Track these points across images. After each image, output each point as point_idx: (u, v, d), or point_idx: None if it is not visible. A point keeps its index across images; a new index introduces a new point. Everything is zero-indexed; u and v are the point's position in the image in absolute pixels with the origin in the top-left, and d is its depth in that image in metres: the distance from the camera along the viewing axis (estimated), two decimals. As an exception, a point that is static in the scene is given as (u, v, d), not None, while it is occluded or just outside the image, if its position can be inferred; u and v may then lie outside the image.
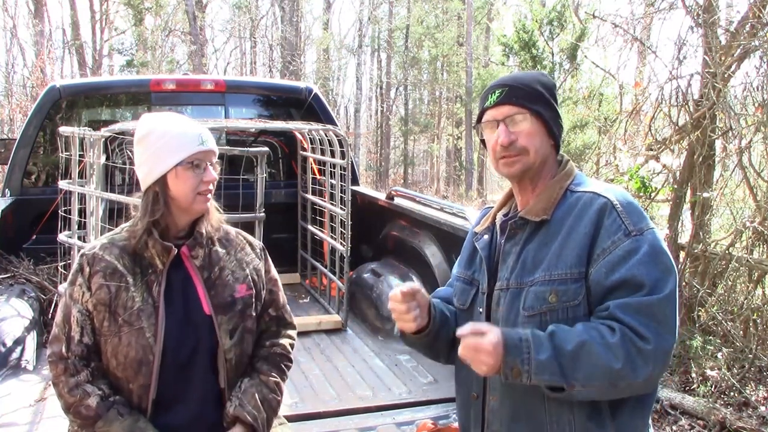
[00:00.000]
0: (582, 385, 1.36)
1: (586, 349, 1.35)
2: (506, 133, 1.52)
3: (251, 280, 1.84)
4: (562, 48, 11.51)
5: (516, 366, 1.37)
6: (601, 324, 1.38)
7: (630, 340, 1.35)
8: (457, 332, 1.42)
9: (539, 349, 1.37)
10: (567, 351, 1.36)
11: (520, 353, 1.37)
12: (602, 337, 1.36)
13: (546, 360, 1.36)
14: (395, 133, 27.12)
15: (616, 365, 1.34)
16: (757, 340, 4.40)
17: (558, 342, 1.37)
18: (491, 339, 1.38)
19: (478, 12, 23.12)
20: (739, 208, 5.07)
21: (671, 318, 1.38)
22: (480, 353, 1.38)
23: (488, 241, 1.64)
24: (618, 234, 1.42)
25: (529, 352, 1.37)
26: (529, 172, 1.55)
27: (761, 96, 4.66)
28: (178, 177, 1.69)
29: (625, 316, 1.36)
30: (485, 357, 1.37)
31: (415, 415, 2.72)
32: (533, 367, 1.36)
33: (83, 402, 1.64)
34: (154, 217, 1.70)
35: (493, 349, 1.37)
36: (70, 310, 1.69)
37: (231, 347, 1.75)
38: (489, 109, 1.56)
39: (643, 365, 1.35)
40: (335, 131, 4.15)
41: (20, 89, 18.28)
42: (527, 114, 1.52)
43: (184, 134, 1.71)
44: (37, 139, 4.44)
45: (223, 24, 27.44)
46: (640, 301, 1.37)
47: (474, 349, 1.38)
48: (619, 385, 1.37)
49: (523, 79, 1.58)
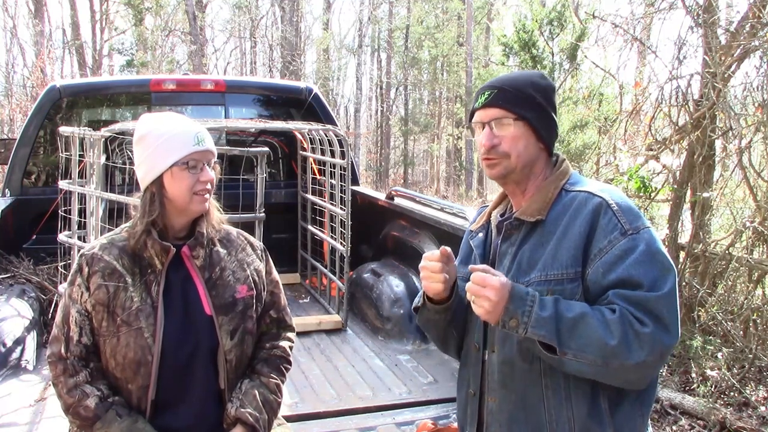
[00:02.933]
0: (574, 355, 1.37)
1: (585, 321, 1.37)
2: (489, 136, 1.53)
3: (252, 281, 1.83)
4: (562, 48, 11.50)
5: (516, 316, 1.39)
6: (603, 307, 1.40)
7: (629, 321, 1.36)
8: (470, 267, 1.46)
9: (543, 306, 1.39)
10: (567, 317, 1.38)
11: (523, 304, 1.40)
12: (602, 315, 1.38)
13: (546, 317, 1.38)
14: (395, 133, 27.11)
15: (611, 341, 1.35)
16: (757, 340, 4.40)
17: (561, 308, 1.40)
18: (501, 279, 1.41)
19: (478, 12, 23.11)
20: (739, 208, 5.07)
21: (670, 315, 1.38)
22: (486, 288, 1.40)
23: (483, 240, 1.65)
24: (614, 233, 1.42)
25: (533, 305, 1.39)
26: (511, 176, 1.55)
27: (761, 96, 4.65)
28: (174, 177, 1.69)
29: (624, 303, 1.38)
30: (490, 292, 1.39)
31: (415, 415, 2.72)
32: (532, 320, 1.39)
33: (82, 403, 1.64)
34: (152, 217, 1.69)
35: (500, 287, 1.39)
36: (69, 311, 1.69)
37: (231, 348, 1.75)
38: (477, 110, 1.57)
39: (638, 348, 1.35)
40: (335, 131, 4.15)
41: (20, 89, 18.28)
42: (512, 118, 1.52)
43: (180, 134, 1.71)
44: (37, 139, 4.45)
45: (223, 24, 27.43)
46: (638, 296, 1.38)
47: (481, 283, 1.40)
48: (611, 363, 1.37)
49: (515, 82, 1.56)
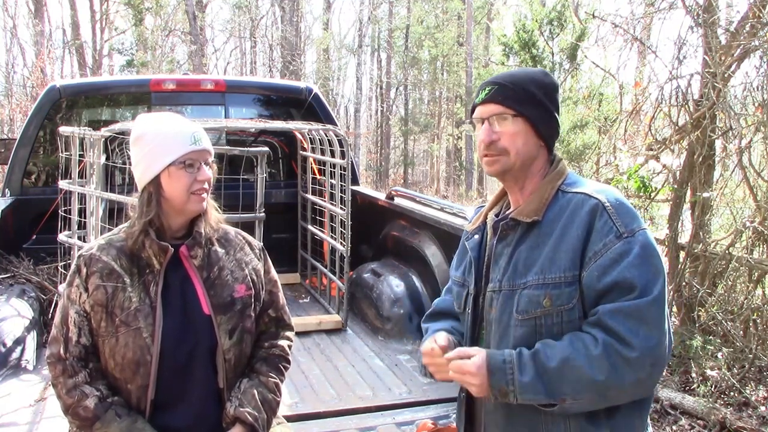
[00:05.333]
0: (573, 399, 1.39)
1: (569, 365, 1.38)
2: (488, 132, 1.52)
3: (250, 280, 1.83)
4: (562, 48, 11.47)
5: (502, 387, 1.41)
6: (587, 334, 1.40)
7: (614, 350, 1.36)
8: (445, 356, 1.48)
9: (522, 370, 1.40)
10: (551, 368, 1.39)
11: (504, 375, 1.41)
12: (586, 349, 1.38)
13: (529, 381, 1.39)
14: (395, 133, 27.10)
15: (599, 377, 1.36)
16: (757, 340, 4.40)
17: (541, 360, 1.40)
18: (475, 361, 1.44)
19: (478, 12, 23.10)
20: (739, 208, 5.06)
21: (659, 320, 1.38)
22: (465, 375, 1.44)
23: (478, 242, 1.64)
24: (609, 236, 1.42)
25: (513, 373, 1.41)
26: (510, 172, 1.54)
27: (761, 96, 4.65)
28: (171, 177, 1.69)
29: (612, 322, 1.37)
30: (470, 378, 1.43)
31: (415, 415, 2.72)
32: (518, 388, 1.40)
33: (81, 403, 1.64)
34: (149, 217, 1.69)
35: (476, 370, 1.42)
36: (67, 312, 1.69)
37: (230, 347, 1.75)
38: (477, 105, 1.56)
39: (628, 373, 1.36)
40: (335, 131, 4.15)
41: (20, 89, 18.29)
42: (511, 115, 1.51)
43: (176, 134, 1.71)
44: (37, 139, 4.45)
45: (223, 24, 27.43)
46: (630, 306, 1.37)
47: (460, 371, 1.45)
48: (608, 395, 1.39)
49: (516, 78, 1.55)
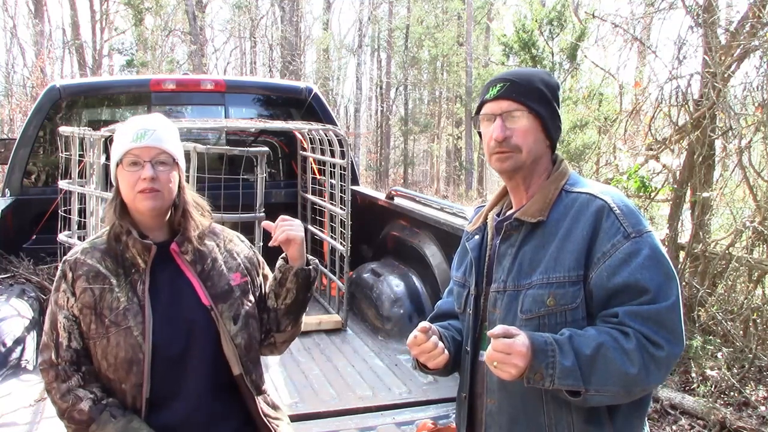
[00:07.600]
0: (596, 390, 1.35)
1: (602, 354, 1.34)
2: (501, 128, 1.51)
3: (244, 267, 1.85)
4: (562, 48, 11.48)
5: (540, 370, 1.34)
6: (614, 329, 1.38)
7: (644, 346, 1.35)
8: (488, 332, 1.37)
9: (564, 354, 1.35)
10: (586, 355, 1.35)
11: (546, 357, 1.35)
12: (617, 342, 1.35)
13: (570, 366, 1.34)
14: (395, 133, 27.09)
15: (632, 370, 1.34)
16: (757, 340, 4.39)
17: (577, 346, 1.36)
18: (524, 341, 1.34)
19: (478, 12, 23.10)
20: (739, 208, 5.06)
21: (678, 325, 1.39)
22: (513, 355, 1.33)
23: (479, 242, 1.63)
24: (617, 236, 1.41)
25: (554, 356, 1.35)
26: (520, 170, 1.53)
27: (761, 96, 4.65)
28: (120, 176, 1.70)
29: (635, 324, 1.36)
30: (518, 359, 1.33)
31: (415, 415, 2.72)
32: (557, 372, 1.34)
33: (76, 407, 1.64)
34: (117, 219, 1.70)
35: (526, 351, 1.33)
36: (56, 317, 1.70)
37: (237, 332, 1.75)
38: (488, 102, 1.55)
39: (656, 371, 1.36)
40: (335, 131, 4.15)
41: (20, 89, 18.28)
42: (525, 111, 1.51)
43: (126, 133, 1.71)
44: (37, 139, 4.44)
45: (223, 24, 27.47)
46: (649, 310, 1.37)
47: (507, 351, 1.33)
48: (633, 390, 1.38)
49: (526, 76, 1.55)
